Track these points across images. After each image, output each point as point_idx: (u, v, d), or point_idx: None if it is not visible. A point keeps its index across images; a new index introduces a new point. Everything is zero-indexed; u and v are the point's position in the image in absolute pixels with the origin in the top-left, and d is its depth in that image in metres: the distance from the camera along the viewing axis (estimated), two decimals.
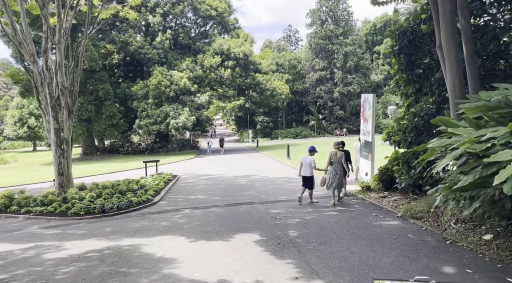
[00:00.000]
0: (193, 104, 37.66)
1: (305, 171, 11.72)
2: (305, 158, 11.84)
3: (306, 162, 11.73)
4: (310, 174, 11.69)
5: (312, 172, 11.69)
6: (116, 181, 16.97)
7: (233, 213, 10.66)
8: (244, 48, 40.06)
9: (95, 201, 12.89)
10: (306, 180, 11.75)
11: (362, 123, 14.48)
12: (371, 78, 60.72)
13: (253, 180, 17.48)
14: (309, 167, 11.67)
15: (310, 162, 11.68)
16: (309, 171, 11.67)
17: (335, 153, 11.45)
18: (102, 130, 39.05)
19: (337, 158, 11.38)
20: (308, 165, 11.68)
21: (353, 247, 7.22)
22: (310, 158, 11.79)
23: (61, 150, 15.32)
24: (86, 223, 10.34)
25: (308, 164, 11.69)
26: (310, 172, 11.67)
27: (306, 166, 11.71)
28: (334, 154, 11.45)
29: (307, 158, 11.80)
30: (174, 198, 13.60)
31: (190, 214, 10.80)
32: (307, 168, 11.70)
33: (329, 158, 11.48)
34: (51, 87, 14.97)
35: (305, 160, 11.79)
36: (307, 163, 11.71)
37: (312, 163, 11.69)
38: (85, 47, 34.99)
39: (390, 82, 14.55)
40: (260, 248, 7.37)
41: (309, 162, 11.69)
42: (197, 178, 19.38)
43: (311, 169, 11.67)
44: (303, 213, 10.35)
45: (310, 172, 11.67)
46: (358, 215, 9.89)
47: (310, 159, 11.76)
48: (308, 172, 11.68)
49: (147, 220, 10.33)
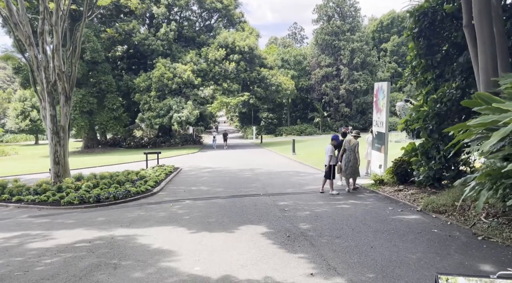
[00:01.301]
0: (197, 98, 36.87)
1: (328, 159, 11.30)
2: (327, 147, 11.44)
3: (327, 151, 11.38)
4: (328, 163, 11.18)
5: (330, 160, 11.15)
6: (115, 172, 16.28)
7: (237, 204, 9.91)
8: (250, 42, 39.21)
9: (91, 191, 12.20)
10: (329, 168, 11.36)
11: (374, 114, 13.67)
12: (377, 76, 59.73)
13: (258, 173, 16.72)
14: (328, 156, 11.20)
15: (327, 150, 11.22)
16: (327, 160, 11.22)
17: (349, 141, 11.44)
18: (104, 123, 38.35)
19: (351, 145, 11.31)
20: (327, 153, 11.26)
21: (373, 241, 6.45)
22: (329, 146, 11.30)
23: (58, 138, 14.60)
24: (79, 213, 9.61)
25: (327, 152, 11.29)
26: (328, 160, 11.19)
27: (326, 155, 11.35)
28: (348, 141, 11.43)
29: (328, 147, 11.39)
30: (174, 189, 12.86)
31: (191, 205, 10.06)
32: (326, 157, 11.31)
33: (343, 145, 11.46)
34: (47, 71, 14.25)
35: (326, 149, 11.43)
36: (326, 151, 11.36)
37: (329, 151, 11.14)
38: (88, 38, 34.62)
39: (405, 70, 13.74)
40: (268, 241, 6.61)
41: (328, 150, 11.26)
42: (199, 170, 18.64)
43: (329, 157, 11.16)
44: (313, 205, 9.58)
45: (329, 160, 11.18)
46: (373, 208, 9.10)
47: (329, 147, 11.28)
48: (327, 161, 11.24)
49: (145, 210, 9.60)
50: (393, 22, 66.10)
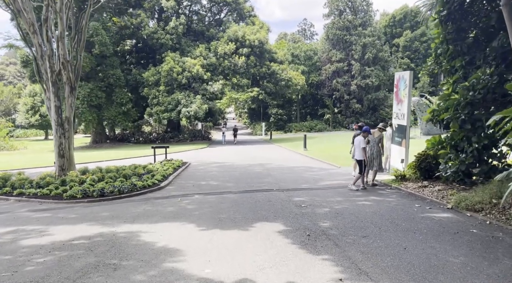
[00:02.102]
0: (206, 93, 36.25)
1: (356, 153, 10.67)
2: (357, 139, 10.76)
3: (356, 143, 10.70)
4: (360, 157, 10.52)
5: (362, 154, 10.50)
6: (122, 166, 15.74)
7: (250, 200, 9.23)
8: (260, 36, 38.43)
9: (96, 185, 11.63)
10: (357, 163, 10.73)
11: (395, 106, 12.85)
12: (389, 72, 58.52)
13: (269, 168, 16.02)
14: (359, 149, 10.53)
15: (360, 143, 10.53)
16: (358, 153, 10.57)
17: (373, 133, 11.10)
18: (113, 118, 37.95)
19: (375, 137, 11.03)
20: (358, 146, 10.57)
21: (404, 242, 5.71)
22: (361, 138, 10.60)
23: (62, 129, 14.07)
24: (81, 207, 9.02)
25: (358, 145, 10.60)
26: (360, 154, 10.52)
27: (357, 148, 10.68)
28: (372, 133, 11.08)
29: (358, 139, 10.70)
30: (183, 183, 12.23)
31: (200, 200, 9.41)
32: (357, 150, 10.62)
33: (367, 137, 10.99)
34: (52, 60, 13.70)
35: (356, 140, 10.75)
36: (358, 144, 10.63)
37: (362, 143, 10.48)
38: (96, 31, 34.17)
39: (428, 59, 12.91)
40: (286, 240, 5.92)
41: (358, 143, 10.57)
42: (208, 165, 18.01)
43: (363, 150, 10.50)
44: (332, 202, 8.86)
45: (360, 154, 10.50)
46: (398, 205, 8.34)
47: (360, 139, 10.60)
48: (358, 154, 10.59)
49: (151, 205, 8.97)
50: (406, 17, 64.65)
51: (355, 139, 11.00)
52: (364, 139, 10.55)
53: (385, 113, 56.58)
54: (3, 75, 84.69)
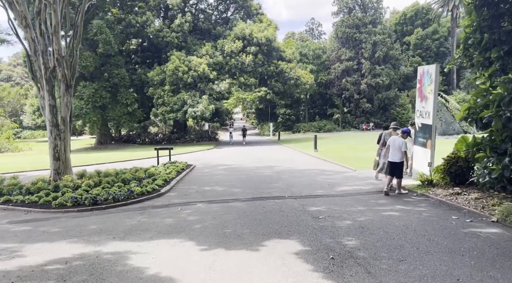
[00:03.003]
0: (212, 93, 35.25)
1: (394, 155, 9.62)
2: (394, 140, 9.76)
3: (396, 145, 9.64)
4: (400, 159, 9.55)
5: (402, 156, 9.55)
6: (122, 169, 14.76)
7: (259, 209, 8.13)
8: (268, 33, 37.33)
9: (91, 191, 10.64)
10: (394, 167, 9.66)
11: (418, 103, 11.67)
12: (400, 70, 57.05)
13: (279, 171, 14.92)
14: (399, 151, 9.53)
15: (401, 145, 9.51)
16: (399, 156, 9.56)
17: (389, 133, 10.56)
18: (118, 118, 37.12)
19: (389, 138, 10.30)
20: (398, 148, 9.55)
21: (454, 270, 4.58)
22: (401, 140, 9.64)
23: (57, 130, 13.12)
24: (69, 218, 8.00)
25: (398, 147, 9.58)
26: (400, 156, 9.55)
27: (395, 150, 9.64)
28: (387, 134, 10.58)
29: (396, 140, 9.70)
30: (185, 189, 11.18)
31: (203, 209, 8.34)
32: (396, 152, 9.60)
33: (382, 139, 10.70)
34: (45, 56, 12.75)
35: (394, 142, 9.72)
36: (397, 145, 9.61)
37: (403, 146, 9.48)
38: (100, 30, 33.35)
39: (456, 51, 11.71)
40: (306, 265, 4.82)
41: (399, 145, 9.56)
42: (214, 167, 16.96)
43: (401, 153, 9.53)
44: (353, 212, 7.73)
45: (400, 156, 9.55)
46: (431, 217, 7.19)
47: (400, 141, 9.61)
48: (398, 157, 9.58)
49: (148, 215, 7.92)
50: (417, 14, 63.05)
51: (391, 140, 9.91)
52: (404, 141, 9.53)
53: (396, 113, 55.12)
54: (11, 76, 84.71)
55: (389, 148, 9.83)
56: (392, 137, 9.96)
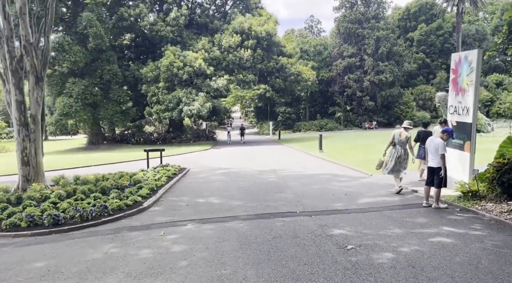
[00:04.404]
0: (210, 90, 33.30)
1: (431, 159, 7.99)
2: (431, 141, 8.06)
3: (433, 147, 7.92)
4: (438, 165, 7.80)
5: (440, 161, 7.79)
6: (106, 174, 12.90)
7: (265, 234, 6.27)
8: (267, 27, 35.39)
9: (60, 204, 8.75)
10: (432, 173, 7.99)
11: (452, 97, 9.82)
12: (404, 67, 55.24)
13: (284, 177, 13.06)
14: (437, 154, 7.81)
15: (438, 147, 7.76)
16: (437, 160, 7.81)
17: (399, 133, 9.71)
18: (110, 117, 35.12)
19: (401, 139, 9.64)
20: (435, 151, 7.83)
21: None
22: (438, 141, 7.86)
23: (26, 131, 11.25)
24: (16, 246, 6.11)
25: (435, 149, 7.85)
26: (438, 161, 7.81)
27: (432, 153, 7.93)
28: (398, 134, 9.72)
29: (434, 142, 7.97)
30: (174, 202, 9.29)
31: (193, 233, 6.45)
32: (434, 156, 7.87)
33: (392, 138, 9.80)
34: (11, 43, 10.86)
35: (431, 143, 8.01)
36: (433, 148, 7.90)
37: (441, 148, 7.72)
38: (90, 23, 31.34)
39: (498, 35, 9.89)
40: None
41: (435, 147, 7.82)
42: (211, 171, 15.09)
43: (440, 157, 7.78)
44: (391, 238, 5.88)
45: (438, 161, 7.80)
46: (501, 247, 5.33)
47: (437, 143, 7.84)
48: (435, 161, 7.85)
49: (120, 242, 6.04)
50: (421, 10, 61.15)
51: (428, 141, 8.16)
52: (444, 143, 7.69)
53: (400, 111, 53.37)
54: None
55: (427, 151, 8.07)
56: (430, 139, 8.18)
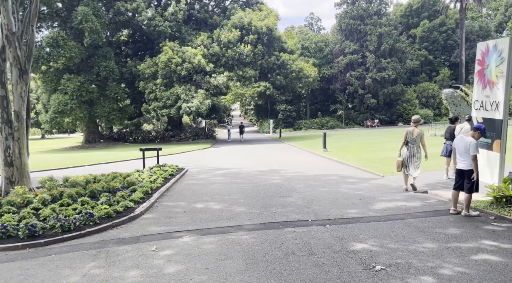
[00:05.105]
0: (209, 87, 32.32)
1: (460, 161, 7.03)
2: (460, 140, 7.08)
3: (462, 147, 6.96)
4: (468, 167, 6.84)
5: (471, 163, 6.83)
6: (99, 175, 11.99)
7: (275, 249, 5.34)
8: (268, 22, 34.39)
9: (42, 210, 7.83)
10: (461, 176, 7.05)
11: (478, 91, 8.87)
12: (407, 64, 54.27)
13: (289, 178, 12.14)
14: (467, 155, 6.85)
15: (468, 147, 6.81)
16: (468, 161, 6.85)
17: (411, 131, 9.29)
18: (106, 114, 34.16)
19: (414, 137, 9.25)
20: (465, 151, 6.87)
21: None
22: (469, 140, 6.87)
23: (10, 129, 10.31)
24: None
25: (464, 149, 6.89)
26: (468, 163, 6.85)
27: (463, 153, 6.95)
28: (410, 132, 9.30)
29: (463, 140, 7.00)
30: (170, 207, 8.36)
31: (191, 249, 5.52)
32: (464, 156, 6.91)
33: (405, 137, 9.39)
34: None
35: (460, 142, 7.05)
36: (462, 147, 6.94)
37: (472, 148, 6.75)
38: (86, 17, 30.31)
39: None
40: None
41: (465, 147, 6.87)
42: (210, 172, 14.16)
43: (470, 158, 6.82)
44: (424, 254, 4.96)
45: (469, 163, 6.84)
46: None
47: (468, 142, 6.87)
48: (465, 163, 6.90)
49: (104, 261, 5.10)
50: (424, 6, 60.17)
51: (456, 140, 7.23)
52: (475, 142, 6.78)
53: (402, 109, 52.49)
54: None
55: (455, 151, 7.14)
56: (459, 137, 7.21)
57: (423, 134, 9.33)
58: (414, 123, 9.40)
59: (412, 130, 9.25)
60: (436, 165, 12.10)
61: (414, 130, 9.23)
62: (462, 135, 7.25)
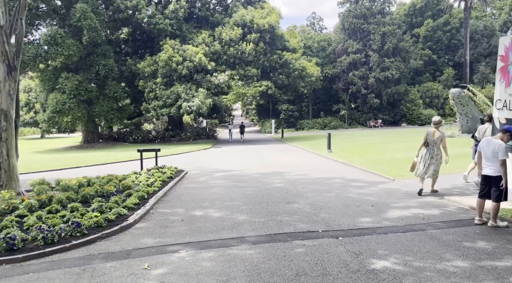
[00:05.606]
0: (210, 87, 31.66)
1: (487, 166, 6.29)
2: (488, 143, 6.31)
3: (489, 150, 6.21)
4: (497, 172, 6.10)
5: (500, 169, 6.08)
6: (94, 178, 11.33)
7: (285, 269, 4.67)
8: (270, 20, 33.72)
9: (28, 217, 7.20)
10: (488, 182, 6.31)
11: (501, 90, 8.19)
12: (410, 64, 53.55)
13: (294, 181, 11.47)
14: (495, 159, 6.11)
15: (497, 150, 6.06)
16: (496, 167, 6.12)
17: (432, 133, 8.91)
18: (105, 114, 33.51)
19: (434, 139, 8.86)
20: (493, 155, 6.13)
21: None
22: (497, 143, 6.13)
23: None
24: None
25: (492, 153, 6.15)
26: (496, 168, 6.11)
27: (490, 157, 6.22)
28: (431, 133, 8.92)
29: (491, 143, 6.24)
30: (166, 215, 7.69)
31: (187, 267, 4.84)
32: (492, 162, 6.18)
33: (425, 138, 8.98)
34: None
35: (487, 145, 6.29)
36: (490, 151, 6.19)
37: (501, 152, 6.02)
38: (84, 15, 29.68)
39: None
40: None
41: (494, 150, 6.12)
42: (210, 175, 13.50)
43: (499, 162, 6.08)
44: (453, 273, 4.30)
45: (497, 168, 6.10)
46: None
47: (496, 145, 6.11)
48: (493, 168, 6.17)
49: (87, 281, 4.45)
50: (428, 5, 59.49)
51: (483, 142, 6.51)
52: (503, 145, 6.06)
53: (406, 109, 51.82)
54: None
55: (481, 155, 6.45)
56: (485, 139, 6.52)
57: (444, 137, 8.94)
58: (434, 125, 9.02)
59: (433, 132, 8.90)
60: (454, 168, 11.41)
61: (435, 132, 8.88)
62: (489, 138, 6.57)
